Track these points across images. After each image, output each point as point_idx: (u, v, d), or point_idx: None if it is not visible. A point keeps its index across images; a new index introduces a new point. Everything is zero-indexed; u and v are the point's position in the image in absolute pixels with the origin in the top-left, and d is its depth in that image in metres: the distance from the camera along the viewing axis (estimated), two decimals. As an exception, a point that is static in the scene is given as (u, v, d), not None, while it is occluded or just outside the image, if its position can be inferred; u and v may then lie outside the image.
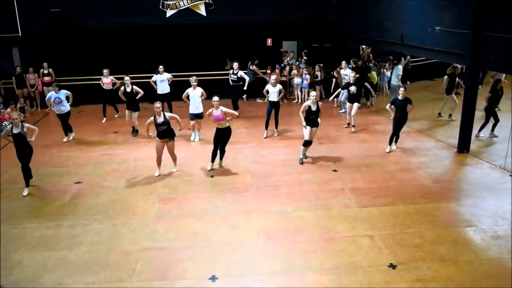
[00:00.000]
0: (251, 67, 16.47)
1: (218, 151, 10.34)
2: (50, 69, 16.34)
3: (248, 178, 9.47)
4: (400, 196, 9.02)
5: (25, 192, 9.44)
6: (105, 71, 14.69)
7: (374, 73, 16.82)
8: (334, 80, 15.92)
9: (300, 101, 16.50)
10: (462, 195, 9.18)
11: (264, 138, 12.64)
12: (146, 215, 8.57)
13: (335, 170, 10.06)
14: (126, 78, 12.70)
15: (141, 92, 12.93)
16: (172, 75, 14.75)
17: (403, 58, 16.77)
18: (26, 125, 9.46)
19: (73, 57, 16.68)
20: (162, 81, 14.25)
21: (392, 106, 11.26)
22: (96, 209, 8.76)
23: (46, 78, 16.39)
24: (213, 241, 7.61)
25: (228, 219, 8.31)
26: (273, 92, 12.47)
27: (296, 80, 16.55)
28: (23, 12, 16.40)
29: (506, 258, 6.88)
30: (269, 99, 12.67)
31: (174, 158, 10.31)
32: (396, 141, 11.51)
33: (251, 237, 7.70)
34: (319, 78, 16.47)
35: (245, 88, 14.65)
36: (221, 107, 9.96)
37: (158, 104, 9.71)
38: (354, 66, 16.31)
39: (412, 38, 12.94)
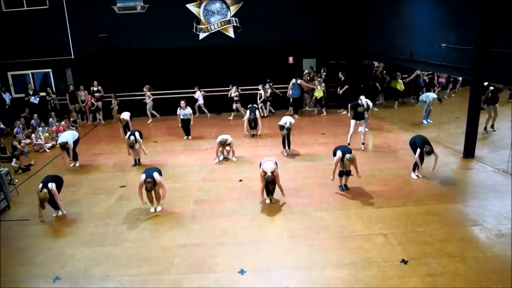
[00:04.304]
0: (298, 82, 16.13)
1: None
2: (99, 87, 16.69)
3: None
4: (411, 198, 8.87)
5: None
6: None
7: (400, 82, 16.85)
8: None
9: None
10: (468, 196, 8.97)
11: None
12: (182, 215, 8.64)
13: (351, 175, 9.96)
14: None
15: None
16: (203, 91, 14.77)
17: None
18: None
19: (118, 76, 17.01)
20: (184, 115, 13.84)
21: None
22: (139, 210, 8.86)
23: (96, 95, 16.77)
24: (242, 238, 7.62)
25: (255, 219, 8.31)
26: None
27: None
28: (75, 38, 16.89)
29: (510, 254, 6.70)
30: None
31: (159, 197, 8.84)
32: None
33: (276, 235, 7.69)
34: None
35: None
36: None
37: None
38: (343, 78, 16.21)
39: (420, 54, 12.78)
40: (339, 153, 9.12)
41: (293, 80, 16.01)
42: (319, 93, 16.35)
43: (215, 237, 7.71)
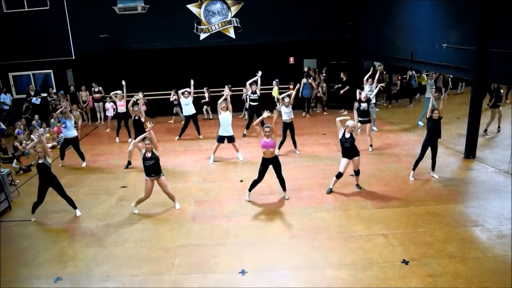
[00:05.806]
0: (309, 81, 16.15)
1: (276, 182, 9.16)
2: (100, 87, 16.68)
3: (274, 182, 9.45)
4: (411, 199, 8.87)
5: (78, 213, 8.81)
6: (119, 92, 14.01)
7: (424, 76, 16.87)
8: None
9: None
10: (469, 197, 8.97)
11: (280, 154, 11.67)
12: (183, 215, 8.65)
13: (352, 175, 9.95)
14: (135, 103, 11.21)
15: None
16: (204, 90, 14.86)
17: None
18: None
19: (119, 76, 16.93)
20: (187, 104, 13.80)
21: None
22: (139, 210, 8.87)
23: (96, 95, 16.78)
24: (242, 239, 7.63)
25: (256, 219, 8.32)
26: (286, 112, 11.45)
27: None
28: (76, 38, 16.94)
29: (510, 255, 6.69)
30: (283, 120, 11.57)
31: (171, 196, 8.91)
32: (433, 168, 9.92)
33: (276, 236, 7.69)
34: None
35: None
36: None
37: (147, 141, 8.41)
38: (344, 78, 16.19)
39: (420, 54, 12.78)
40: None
41: (304, 80, 16.04)
42: (275, 92, 15.99)
43: (215, 237, 7.72)
